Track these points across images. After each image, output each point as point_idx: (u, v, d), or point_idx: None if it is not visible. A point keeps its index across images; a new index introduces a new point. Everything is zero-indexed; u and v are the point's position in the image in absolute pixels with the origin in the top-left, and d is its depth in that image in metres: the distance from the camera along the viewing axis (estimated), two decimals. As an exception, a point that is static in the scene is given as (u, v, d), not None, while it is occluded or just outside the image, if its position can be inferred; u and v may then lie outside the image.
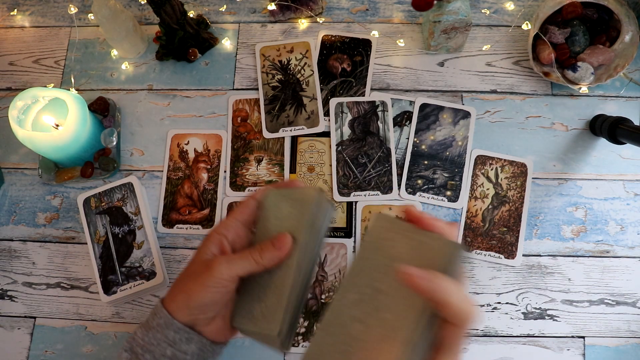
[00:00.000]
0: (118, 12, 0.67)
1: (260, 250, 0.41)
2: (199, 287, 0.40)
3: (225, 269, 0.40)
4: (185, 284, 0.41)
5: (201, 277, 0.40)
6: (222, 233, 0.42)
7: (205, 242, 0.42)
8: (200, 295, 0.40)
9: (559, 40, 0.67)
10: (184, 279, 0.42)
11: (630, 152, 0.67)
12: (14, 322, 0.65)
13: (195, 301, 0.40)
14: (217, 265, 0.40)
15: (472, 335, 0.62)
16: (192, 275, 0.41)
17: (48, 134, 0.61)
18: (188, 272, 0.42)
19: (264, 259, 0.41)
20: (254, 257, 0.41)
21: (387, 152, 0.68)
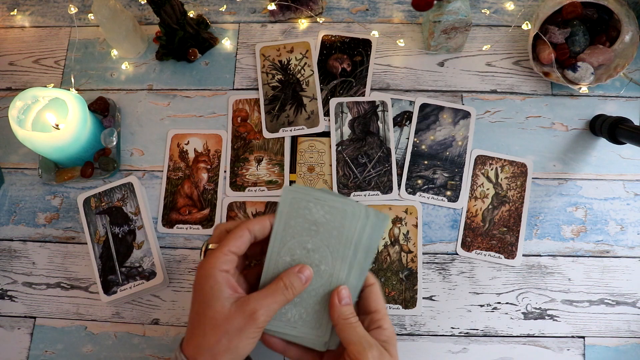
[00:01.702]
0: (118, 12, 0.67)
1: (291, 287, 0.41)
2: (246, 342, 0.39)
3: (266, 316, 0.39)
4: (230, 343, 0.38)
5: (245, 331, 0.39)
6: (225, 270, 0.40)
7: (213, 285, 0.40)
8: (247, 349, 0.39)
9: (559, 40, 0.67)
10: (221, 337, 0.39)
11: (630, 152, 0.67)
12: (14, 322, 0.65)
13: (242, 356, 0.39)
14: (259, 314, 0.39)
15: (472, 335, 0.62)
16: (233, 332, 0.38)
17: (48, 134, 0.61)
18: (222, 328, 0.39)
19: (295, 295, 0.41)
20: (286, 295, 0.41)
21: (387, 152, 0.68)
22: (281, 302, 0.41)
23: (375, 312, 0.43)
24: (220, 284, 0.40)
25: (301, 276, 0.42)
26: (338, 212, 0.43)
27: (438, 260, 0.65)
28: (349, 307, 0.42)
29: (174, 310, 0.64)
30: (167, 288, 0.65)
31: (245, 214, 0.67)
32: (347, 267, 0.43)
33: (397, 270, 0.64)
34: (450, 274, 0.64)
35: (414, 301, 0.63)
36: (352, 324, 0.41)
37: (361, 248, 0.44)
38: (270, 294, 0.41)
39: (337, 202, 0.43)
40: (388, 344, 0.41)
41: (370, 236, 0.44)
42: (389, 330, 0.42)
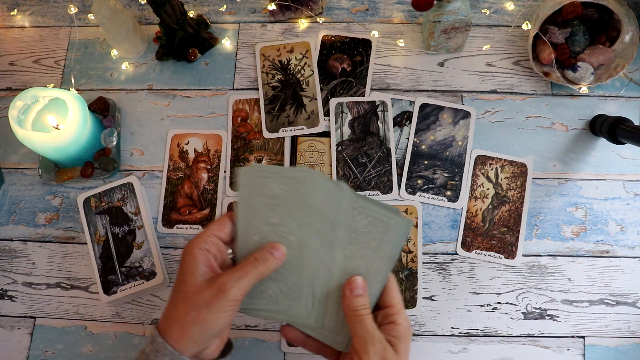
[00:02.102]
0: (118, 12, 0.67)
1: (263, 261, 0.41)
2: (215, 315, 0.38)
3: (237, 289, 0.39)
4: (198, 315, 0.38)
5: (215, 304, 0.38)
6: (205, 249, 0.41)
7: (190, 260, 0.40)
8: (217, 323, 0.39)
9: (559, 40, 0.67)
10: (190, 309, 0.39)
11: (630, 152, 0.67)
12: (14, 322, 0.65)
13: (212, 330, 0.39)
14: (229, 288, 0.38)
15: (472, 335, 0.62)
16: (202, 304, 0.38)
17: (48, 134, 0.61)
18: (192, 300, 0.39)
19: (268, 269, 0.41)
20: (260, 270, 0.40)
21: (387, 152, 0.68)
22: (253, 276, 0.40)
23: (389, 306, 0.43)
24: (197, 260, 0.40)
25: (273, 252, 0.42)
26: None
27: (438, 260, 0.65)
28: (361, 298, 0.42)
29: (174, 310, 0.64)
30: (167, 288, 0.65)
31: (245, 214, 0.67)
32: (316, 234, 0.43)
33: (397, 270, 0.64)
34: (450, 274, 0.64)
35: (414, 301, 0.63)
36: (360, 317, 0.41)
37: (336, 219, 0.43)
38: (241, 268, 0.40)
39: (381, 214, 0.43)
40: (398, 340, 0.41)
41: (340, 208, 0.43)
42: (403, 326, 0.42)
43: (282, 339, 0.62)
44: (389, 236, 0.43)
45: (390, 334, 0.41)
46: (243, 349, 0.62)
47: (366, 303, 0.42)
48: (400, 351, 0.40)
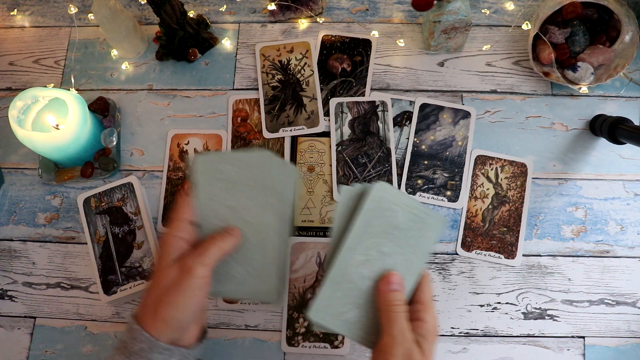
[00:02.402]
0: (118, 12, 0.67)
1: (221, 238, 0.42)
2: (184, 295, 0.39)
3: (201, 265, 0.39)
4: (167, 297, 0.39)
5: (182, 284, 0.39)
6: (178, 236, 0.42)
7: (164, 248, 0.41)
8: (188, 304, 0.39)
9: (559, 40, 0.67)
10: (161, 292, 0.39)
11: (630, 152, 0.67)
12: (14, 322, 0.65)
13: (184, 312, 0.39)
14: (192, 265, 0.39)
15: (472, 335, 0.62)
16: (170, 285, 0.39)
17: (48, 134, 0.61)
18: (161, 284, 0.40)
19: (227, 244, 0.42)
20: (219, 245, 0.41)
21: (387, 152, 0.68)
22: (214, 252, 0.41)
23: (419, 302, 0.42)
24: (169, 246, 0.41)
25: (230, 230, 0.43)
26: (420, 221, 0.43)
27: (438, 260, 0.65)
28: (398, 294, 0.41)
29: (174, 310, 0.64)
30: (167, 288, 0.65)
31: (245, 214, 0.67)
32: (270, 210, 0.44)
33: (397, 270, 0.64)
34: (450, 274, 0.64)
35: (414, 301, 0.63)
36: (396, 313, 0.40)
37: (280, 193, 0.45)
38: (201, 246, 0.41)
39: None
40: (424, 340, 0.40)
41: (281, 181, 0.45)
42: (430, 324, 0.41)
43: (282, 338, 0.62)
44: (426, 233, 0.44)
45: (418, 332, 0.40)
46: (243, 349, 0.62)
47: (403, 299, 0.41)
48: (426, 351, 0.40)
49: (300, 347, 0.61)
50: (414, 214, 0.43)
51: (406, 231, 0.43)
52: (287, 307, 0.63)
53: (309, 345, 0.61)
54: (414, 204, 0.44)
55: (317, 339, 0.61)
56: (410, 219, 0.43)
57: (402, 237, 0.43)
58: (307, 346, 0.61)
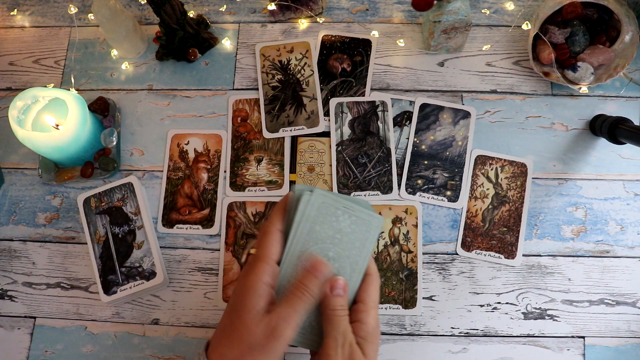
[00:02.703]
0: (118, 12, 0.67)
1: (304, 287, 0.40)
2: (269, 356, 0.38)
3: (289, 331, 0.38)
4: (254, 357, 0.38)
5: (268, 347, 0.38)
6: (268, 283, 0.40)
7: (252, 295, 0.39)
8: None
9: (559, 40, 0.67)
10: (244, 350, 0.38)
11: (630, 152, 0.67)
12: (14, 322, 0.65)
13: None
14: (281, 331, 0.38)
15: (472, 335, 0.62)
16: (255, 345, 0.38)
17: (48, 134, 0.61)
18: (246, 339, 0.38)
19: (311, 292, 0.40)
20: (303, 299, 0.39)
21: (387, 152, 0.68)
22: (300, 311, 0.39)
23: (360, 302, 0.42)
24: (260, 297, 0.39)
25: (315, 272, 0.40)
26: (364, 223, 0.43)
27: (438, 260, 0.65)
28: (340, 299, 0.41)
29: (174, 310, 0.64)
30: (167, 288, 0.65)
31: (245, 214, 0.67)
32: (357, 271, 0.43)
33: (397, 270, 0.64)
34: (450, 274, 0.64)
35: (414, 301, 0.63)
36: (337, 317, 0.40)
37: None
38: (287, 303, 0.39)
39: (364, 213, 0.43)
40: (365, 341, 0.40)
41: (372, 242, 0.44)
42: (371, 327, 0.41)
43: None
44: (371, 235, 0.43)
45: (358, 334, 0.40)
46: (243, 349, 0.62)
47: (345, 304, 0.41)
48: (367, 354, 0.39)
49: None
50: (357, 217, 0.43)
51: (350, 234, 0.43)
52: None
53: (309, 345, 0.61)
54: (356, 206, 0.43)
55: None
56: (353, 222, 0.43)
57: (347, 241, 0.43)
58: (307, 346, 0.61)
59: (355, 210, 0.43)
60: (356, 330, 0.40)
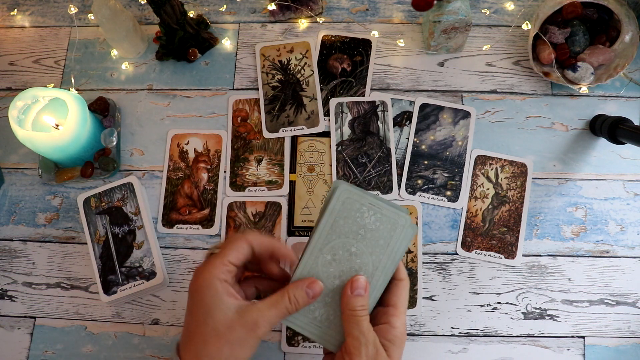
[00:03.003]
0: (118, 12, 0.67)
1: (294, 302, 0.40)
2: (247, 351, 0.39)
3: (267, 327, 0.39)
4: (232, 351, 0.38)
5: (247, 340, 0.39)
6: (223, 280, 0.40)
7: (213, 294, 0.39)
8: (248, 357, 0.39)
9: (559, 40, 0.67)
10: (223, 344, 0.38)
11: (630, 152, 0.67)
12: (14, 322, 0.65)
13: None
14: (261, 325, 0.39)
15: (472, 335, 0.62)
16: (234, 340, 0.38)
17: (48, 134, 0.61)
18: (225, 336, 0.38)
19: (298, 309, 0.41)
20: (289, 309, 0.40)
21: (387, 152, 0.68)
22: (283, 315, 0.40)
23: (391, 306, 0.42)
24: (221, 293, 0.39)
25: (309, 291, 0.41)
26: (389, 221, 0.43)
27: (438, 260, 0.65)
28: (361, 299, 0.41)
29: (174, 310, 0.64)
30: (167, 288, 0.65)
31: (245, 214, 0.67)
32: (380, 270, 0.43)
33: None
34: (450, 274, 0.64)
35: (414, 301, 0.63)
36: (357, 317, 0.40)
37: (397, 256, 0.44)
38: (273, 305, 0.40)
39: (390, 211, 0.43)
40: (392, 345, 0.40)
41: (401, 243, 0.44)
42: (399, 331, 0.41)
43: (282, 338, 0.62)
44: (397, 234, 0.43)
45: (385, 337, 0.40)
46: (243, 349, 0.62)
47: (365, 304, 0.41)
48: (393, 357, 0.39)
49: (300, 347, 0.61)
50: (382, 214, 0.43)
51: (374, 231, 0.43)
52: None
53: (309, 345, 0.61)
54: (381, 203, 0.43)
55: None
56: (378, 219, 0.43)
57: (371, 238, 0.43)
58: (307, 346, 0.61)
59: (380, 208, 0.43)
60: (384, 332, 0.40)
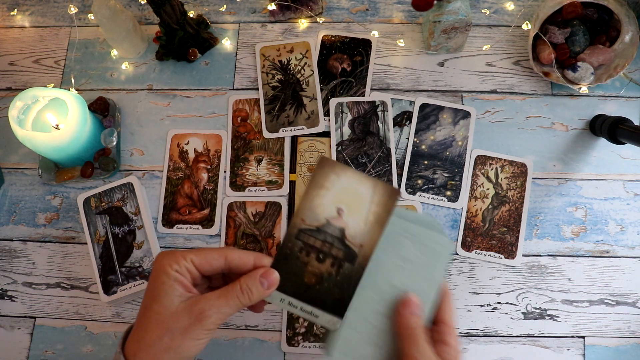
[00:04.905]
0: (118, 12, 0.67)
1: (248, 293, 0.37)
2: (191, 342, 0.36)
3: (217, 318, 0.36)
4: (172, 340, 0.36)
5: (191, 331, 0.36)
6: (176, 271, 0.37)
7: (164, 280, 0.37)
8: (192, 350, 0.36)
9: (559, 40, 0.67)
10: (164, 332, 0.36)
11: (630, 152, 0.67)
12: (14, 322, 0.65)
13: (185, 358, 0.37)
14: (209, 316, 0.36)
15: (472, 335, 0.62)
16: (176, 329, 0.36)
17: (48, 134, 0.61)
18: (166, 323, 0.36)
19: (252, 302, 0.38)
20: (243, 302, 0.37)
21: (387, 152, 0.68)
22: (235, 307, 0.37)
23: (443, 323, 0.40)
24: (172, 280, 0.37)
25: (263, 281, 0.38)
26: (431, 251, 0.41)
27: (438, 260, 0.64)
28: (418, 318, 0.39)
29: (174, 310, 0.64)
30: (167, 288, 0.65)
31: (245, 214, 0.67)
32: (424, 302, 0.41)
33: (397, 270, 0.64)
34: (450, 274, 0.64)
35: (414, 301, 0.62)
36: (417, 335, 0.38)
37: None
38: (223, 295, 0.37)
39: (432, 241, 0.41)
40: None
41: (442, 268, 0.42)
42: (455, 349, 0.38)
43: (282, 338, 0.62)
44: (439, 263, 0.42)
45: (442, 356, 0.38)
46: (243, 349, 0.62)
47: (422, 324, 0.39)
48: None
49: (300, 347, 0.61)
50: (424, 245, 0.41)
51: (416, 262, 0.41)
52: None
53: (309, 345, 0.61)
54: (423, 230, 0.42)
55: (317, 339, 0.61)
56: (418, 248, 0.41)
57: (412, 269, 0.41)
58: (307, 346, 0.61)
59: (422, 238, 0.41)
60: (441, 353, 0.38)
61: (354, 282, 0.40)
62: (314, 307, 0.40)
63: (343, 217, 0.41)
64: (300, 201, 0.41)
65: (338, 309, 0.40)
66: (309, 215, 0.41)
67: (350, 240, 0.40)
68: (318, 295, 0.40)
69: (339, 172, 0.41)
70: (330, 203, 0.41)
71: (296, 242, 0.40)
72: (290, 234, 0.40)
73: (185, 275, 0.37)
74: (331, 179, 0.41)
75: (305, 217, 0.41)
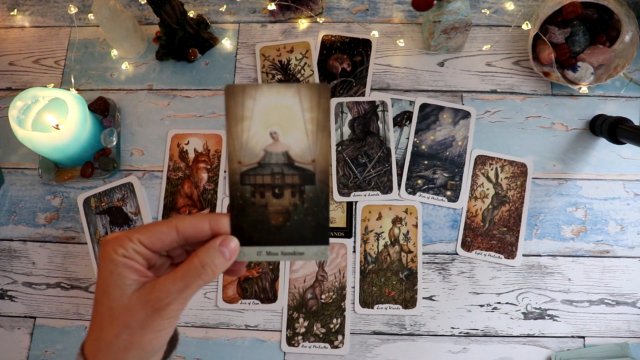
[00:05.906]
0: (118, 12, 0.67)
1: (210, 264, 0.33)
2: (153, 335, 0.32)
3: (177, 304, 0.32)
4: (132, 337, 0.32)
5: (150, 323, 0.32)
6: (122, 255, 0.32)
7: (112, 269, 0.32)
8: (155, 343, 0.33)
9: (559, 40, 0.67)
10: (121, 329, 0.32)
11: (630, 152, 0.67)
12: (14, 322, 0.65)
13: (150, 351, 0.33)
14: (167, 304, 0.32)
15: (472, 335, 0.62)
16: (134, 324, 0.32)
17: (48, 134, 0.61)
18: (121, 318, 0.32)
19: (215, 276, 0.33)
20: (203, 278, 0.32)
21: (387, 152, 0.68)
22: (197, 287, 0.33)
23: None
24: (120, 267, 0.32)
25: (224, 250, 0.33)
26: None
27: (438, 260, 0.65)
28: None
29: (174, 310, 0.64)
30: (167, 288, 0.65)
31: (245, 214, 0.66)
32: None
33: (397, 270, 0.64)
34: (450, 274, 0.64)
35: (414, 301, 0.63)
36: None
37: None
38: (180, 277, 0.32)
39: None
40: None
41: None
42: None
43: (282, 338, 0.62)
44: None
45: None
46: (243, 349, 0.62)
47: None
48: None
49: (300, 347, 0.61)
50: None
51: None
52: (287, 307, 0.63)
53: (309, 345, 0.61)
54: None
55: (317, 339, 0.61)
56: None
57: None
58: (307, 346, 0.61)
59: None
60: None
61: (324, 201, 0.36)
62: (294, 245, 0.36)
63: (280, 140, 0.36)
64: (228, 143, 0.36)
65: (320, 236, 0.36)
66: (244, 154, 0.36)
67: (299, 161, 0.36)
68: (293, 232, 0.36)
69: (254, 94, 0.35)
70: (259, 131, 0.36)
71: (244, 188, 0.36)
72: (234, 182, 0.36)
73: (135, 258, 0.33)
74: (248, 105, 0.35)
75: (240, 157, 0.36)
